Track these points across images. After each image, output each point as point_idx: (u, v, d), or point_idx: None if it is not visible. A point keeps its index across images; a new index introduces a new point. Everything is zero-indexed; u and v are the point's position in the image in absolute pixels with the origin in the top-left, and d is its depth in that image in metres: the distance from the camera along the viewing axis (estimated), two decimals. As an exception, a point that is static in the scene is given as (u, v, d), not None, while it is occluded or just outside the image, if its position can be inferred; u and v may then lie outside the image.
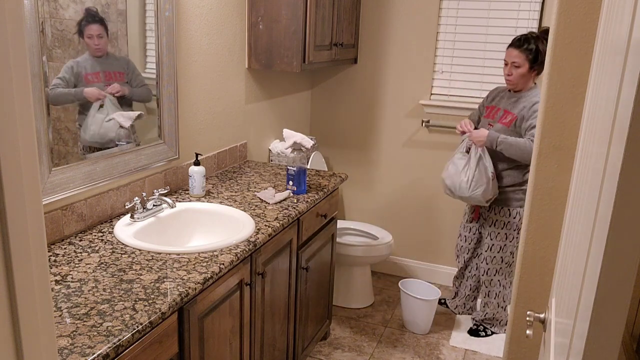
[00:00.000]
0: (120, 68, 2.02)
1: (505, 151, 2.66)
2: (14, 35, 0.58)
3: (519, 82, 2.70)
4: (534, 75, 2.70)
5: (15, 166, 0.60)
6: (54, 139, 1.74)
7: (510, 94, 2.79)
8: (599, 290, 0.69)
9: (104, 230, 1.90)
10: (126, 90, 2.05)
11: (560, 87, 1.59)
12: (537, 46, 2.62)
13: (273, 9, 2.72)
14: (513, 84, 2.72)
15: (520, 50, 2.65)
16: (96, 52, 1.89)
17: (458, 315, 3.27)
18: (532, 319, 1.34)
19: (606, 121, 0.84)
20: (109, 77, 1.98)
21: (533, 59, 2.63)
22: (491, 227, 2.88)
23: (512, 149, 2.65)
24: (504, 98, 2.82)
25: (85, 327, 1.30)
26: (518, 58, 2.65)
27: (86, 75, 1.87)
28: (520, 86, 2.72)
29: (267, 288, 2.08)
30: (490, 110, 2.88)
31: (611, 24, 0.99)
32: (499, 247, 2.88)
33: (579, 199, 1.10)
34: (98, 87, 1.92)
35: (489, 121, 2.84)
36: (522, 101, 2.71)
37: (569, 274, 1.07)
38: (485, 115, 2.90)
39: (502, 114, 2.78)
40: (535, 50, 2.62)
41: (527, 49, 2.63)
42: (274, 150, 3.17)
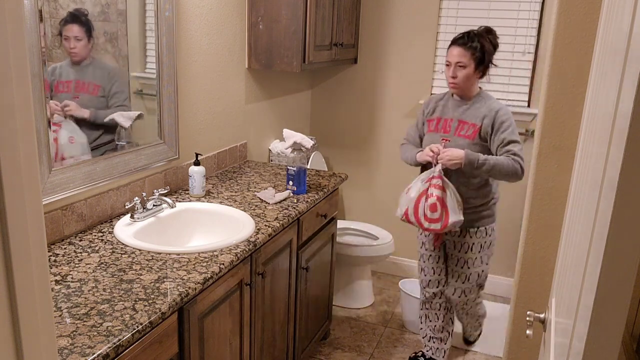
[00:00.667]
0: (98, 79, 1.77)
1: (486, 172, 2.31)
2: (14, 35, 0.58)
3: (465, 85, 2.38)
4: (478, 77, 2.40)
5: (15, 166, 0.60)
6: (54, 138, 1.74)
7: (456, 101, 2.45)
8: (599, 290, 0.69)
9: (104, 230, 1.90)
10: (85, 112, 1.73)
11: (560, 87, 1.59)
12: (483, 44, 2.35)
13: (273, 9, 2.72)
14: (458, 87, 2.38)
15: (464, 49, 2.34)
16: (72, 56, 1.69)
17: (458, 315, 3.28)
18: (532, 319, 1.34)
19: (606, 121, 0.84)
20: (79, 88, 1.71)
21: (479, 58, 2.34)
22: (466, 254, 2.52)
23: (494, 170, 2.29)
24: (450, 107, 2.46)
25: (85, 327, 1.30)
26: (463, 57, 2.33)
27: (57, 83, 1.68)
28: (465, 90, 2.40)
29: (267, 288, 2.08)
30: (436, 123, 2.48)
31: (611, 24, 0.99)
32: (477, 273, 2.55)
33: (579, 199, 1.10)
34: (66, 98, 1.73)
35: (442, 136, 2.44)
36: (477, 108, 2.39)
37: (569, 274, 1.07)
38: (431, 129, 2.48)
39: (457, 124, 2.41)
40: (480, 48, 2.34)
41: (472, 46, 2.33)
42: (274, 150, 3.17)
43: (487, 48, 2.34)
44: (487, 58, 2.35)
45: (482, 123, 2.35)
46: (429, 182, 2.36)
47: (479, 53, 2.34)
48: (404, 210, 2.43)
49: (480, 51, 2.34)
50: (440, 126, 2.46)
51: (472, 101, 2.41)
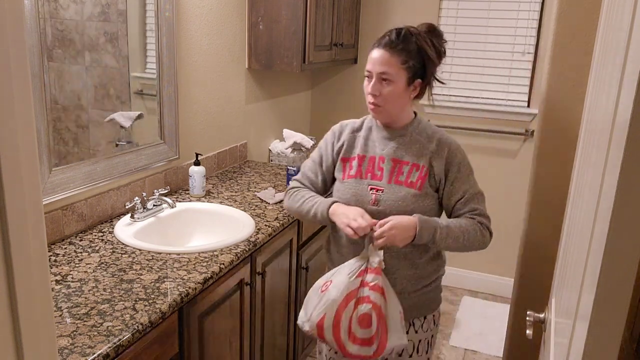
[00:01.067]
0: None
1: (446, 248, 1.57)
2: (14, 35, 0.59)
3: (391, 108, 1.57)
4: (413, 96, 1.60)
5: (15, 166, 0.60)
6: (54, 139, 1.74)
7: (383, 131, 1.64)
8: (599, 291, 0.69)
9: (104, 230, 1.90)
10: None
11: (560, 87, 1.59)
12: (422, 47, 1.55)
13: (273, 9, 2.72)
14: (381, 111, 1.58)
15: (392, 53, 1.52)
16: None
17: (458, 315, 3.27)
18: (532, 319, 1.34)
19: (606, 121, 0.84)
20: None
21: (414, 68, 1.54)
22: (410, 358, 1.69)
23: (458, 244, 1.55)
24: (375, 139, 1.65)
25: (86, 327, 1.30)
26: (390, 66, 1.52)
27: None
28: (392, 116, 1.60)
29: (267, 288, 2.08)
30: (358, 164, 1.63)
31: (611, 24, 0.99)
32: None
33: (579, 199, 1.10)
34: None
35: (371, 184, 1.59)
36: (417, 141, 1.60)
37: (569, 274, 1.08)
38: (352, 174, 1.63)
39: (392, 166, 1.60)
40: (417, 53, 1.54)
41: (406, 50, 1.53)
42: (274, 150, 3.17)
43: (428, 54, 1.55)
44: (428, 69, 1.57)
45: (429, 164, 1.58)
46: (361, 277, 1.52)
47: (415, 61, 1.54)
48: (318, 319, 1.54)
49: (417, 58, 1.54)
50: (365, 169, 1.62)
51: (406, 131, 1.62)
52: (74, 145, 1.84)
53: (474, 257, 3.56)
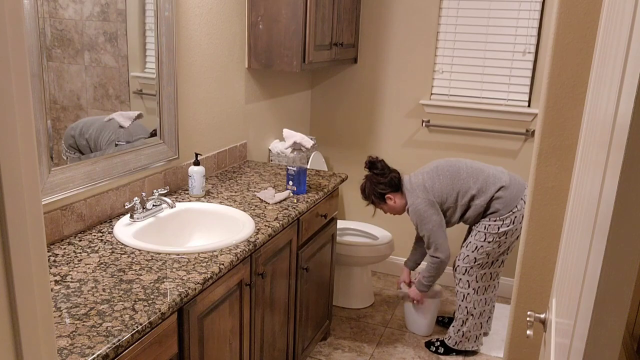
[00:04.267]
0: None
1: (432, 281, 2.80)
2: (14, 35, 0.58)
3: (398, 210, 2.77)
4: (394, 200, 2.72)
5: (15, 166, 0.60)
6: (53, 139, 1.74)
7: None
8: (600, 290, 0.69)
9: (103, 231, 1.90)
10: None
11: (560, 87, 1.59)
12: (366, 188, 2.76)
13: (273, 8, 2.72)
14: (397, 214, 2.81)
15: (368, 203, 2.82)
16: None
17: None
18: (532, 319, 1.34)
19: (607, 121, 0.84)
20: None
21: (377, 201, 2.75)
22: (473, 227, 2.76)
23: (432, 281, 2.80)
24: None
25: (85, 328, 1.30)
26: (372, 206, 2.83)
27: None
28: (401, 211, 2.77)
29: (267, 288, 2.08)
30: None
31: (612, 24, 0.99)
32: (475, 246, 2.68)
33: (579, 199, 1.10)
34: None
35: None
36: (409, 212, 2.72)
37: (569, 274, 1.07)
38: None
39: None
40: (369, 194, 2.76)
41: (366, 196, 2.79)
42: (274, 150, 3.17)
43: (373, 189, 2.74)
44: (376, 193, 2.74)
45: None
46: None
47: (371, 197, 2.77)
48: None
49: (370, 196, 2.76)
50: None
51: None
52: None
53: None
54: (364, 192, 2.78)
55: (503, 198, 2.59)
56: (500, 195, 2.59)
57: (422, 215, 2.64)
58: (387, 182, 2.69)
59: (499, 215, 2.61)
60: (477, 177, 2.62)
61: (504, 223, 2.61)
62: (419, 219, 2.66)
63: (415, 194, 2.66)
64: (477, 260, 2.68)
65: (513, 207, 2.59)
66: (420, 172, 2.73)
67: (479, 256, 2.68)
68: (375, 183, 2.71)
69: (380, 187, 2.70)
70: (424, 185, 2.65)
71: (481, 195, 2.60)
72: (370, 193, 2.75)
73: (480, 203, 2.61)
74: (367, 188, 2.75)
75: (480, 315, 2.80)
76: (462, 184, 2.62)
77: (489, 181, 2.61)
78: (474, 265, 2.70)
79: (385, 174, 2.71)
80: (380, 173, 2.71)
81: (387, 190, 2.71)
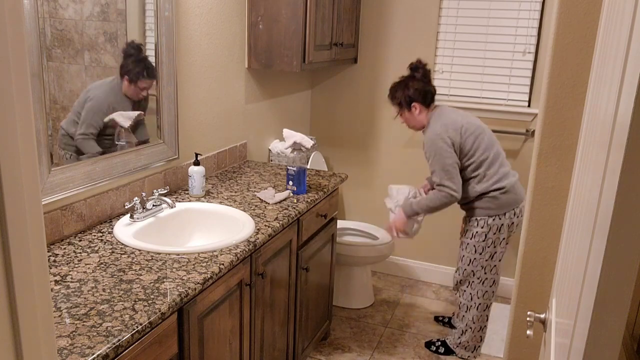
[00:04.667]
0: None
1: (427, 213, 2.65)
2: (14, 35, 0.58)
3: (415, 124, 2.67)
4: (419, 111, 2.62)
5: (15, 166, 0.60)
6: (53, 139, 1.74)
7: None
8: (600, 291, 0.69)
9: (103, 231, 1.90)
10: None
11: (560, 87, 1.59)
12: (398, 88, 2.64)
13: (273, 8, 2.71)
14: (411, 127, 2.72)
15: (392, 103, 2.70)
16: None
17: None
18: (532, 319, 1.34)
19: (607, 121, 0.84)
20: None
21: (400, 103, 2.63)
22: (463, 238, 2.72)
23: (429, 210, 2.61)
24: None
25: (85, 328, 1.30)
26: (396, 110, 2.70)
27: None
28: (417, 127, 2.68)
29: (267, 288, 2.08)
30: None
31: (612, 24, 0.99)
32: (469, 259, 2.67)
33: (579, 199, 1.10)
34: None
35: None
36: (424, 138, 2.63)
37: (569, 274, 1.07)
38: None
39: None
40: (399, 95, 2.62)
41: (394, 96, 2.66)
42: (274, 150, 3.17)
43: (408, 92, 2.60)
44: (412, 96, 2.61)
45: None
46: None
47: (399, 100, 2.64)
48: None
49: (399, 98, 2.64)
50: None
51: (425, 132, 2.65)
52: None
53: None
54: (394, 91, 2.65)
55: (498, 200, 2.57)
56: (496, 195, 2.56)
57: (437, 147, 2.51)
58: (421, 90, 2.58)
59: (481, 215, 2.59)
60: (496, 162, 2.57)
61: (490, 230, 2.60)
62: (432, 150, 2.52)
63: (439, 124, 2.54)
64: (475, 274, 2.69)
65: (499, 214, 2.58)
66: (461, 112, 2.64)
67: (475, 269, 2.68)
68: (410, 87, 2.59)
69: (412, 92, 2.58)
70: (456, 122, 2.54)
71: (485, 181, 2.56)
72: (401, 94, 2.62)
73: (478, 190, 2.56)
74: (399, 88, 2.63)
75: (480, 329, 2.79)
76: (484, 158, 2.55)
77: (499, 175, 2.55)
78: (474, 279, 2.70)
79: (423, 82, 2.60)
80: (419, 79, 2.60)
81: (417, 98, 2.59)
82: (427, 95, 2.60)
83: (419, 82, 2.59)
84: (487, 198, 2.58)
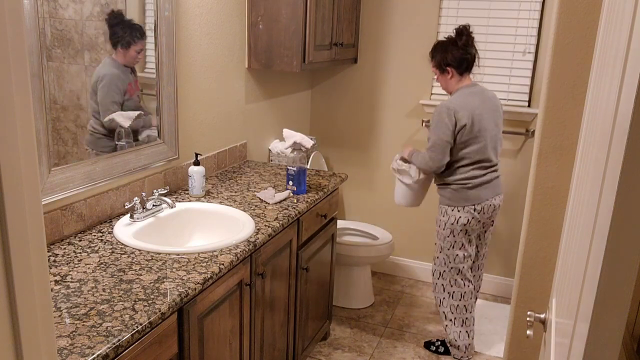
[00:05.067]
0: None
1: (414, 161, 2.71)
2: (14, 35, 0.58)
3: (445, 87, 2.72)
4: (451, 76, 2.65)
5: (15, 166, 0.60)
6: (53, 139, 1.74)
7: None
8: (600, 291, 0.69)
9: (103, 231, 1.90)
10: None
11: (560, 87, 1.59)
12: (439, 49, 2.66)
13: (273, 8, 2.71)
14: (443, 88, 2.76)
15: (431, 61, 2.74)
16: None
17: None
18: (532, 319, 1.34)
19: (606, 121, 0.84)
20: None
21: (437, 64, 2.68)
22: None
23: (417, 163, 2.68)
24: None
25: (85, 328, 1.30)
26: (432, 68, 2.75)
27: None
28: (449, 89, 2.71)
29: (267, 288, 2.08)
30: None
31: (612, 24, 0.99)
32: (440, 247, 2.75)
33: (579, 199, 1.10)
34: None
35: None
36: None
37: (569, 274, 1.07)
38: None
39: None
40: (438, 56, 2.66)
41: (434, 55, 2.70)
42: (274, 150, 3.17)
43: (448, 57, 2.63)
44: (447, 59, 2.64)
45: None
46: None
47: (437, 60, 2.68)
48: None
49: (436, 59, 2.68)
50: None
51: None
52: (73, 145, 1.84)
53: (474, 257, 3.56)
54: (434, 51, 2.69)
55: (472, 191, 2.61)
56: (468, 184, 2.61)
57: (442, 123, 2.56)
58: (459, 58, 2.62)
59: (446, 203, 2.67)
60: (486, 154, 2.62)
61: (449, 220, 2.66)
62: (438, 122, 2.57)
63: (462, 101, 2.58)
64: (445, 263, 2.72)
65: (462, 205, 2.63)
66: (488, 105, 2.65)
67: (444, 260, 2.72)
68: (449, 52, 2.62)
69: (450, 58, 2.63)
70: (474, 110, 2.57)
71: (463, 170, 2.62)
72: (439, 56, 2.66)
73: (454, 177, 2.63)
74: (439, 50, 2.67)
75: (463, 324, 2.77)
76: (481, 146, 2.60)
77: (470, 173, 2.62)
78: (445, 269, 2.73)
79: (464, 51, 2.62)
80: (460, 46, 2.62)
81: (453, 64, 2.63)
82: (462, 63, 2.62)
83: (459, 50, 2.61)
84: (449, 189, 2.67)
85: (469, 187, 2.63)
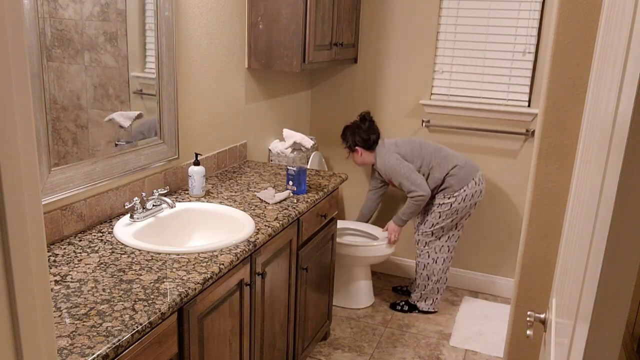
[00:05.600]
0: None
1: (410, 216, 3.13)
2: (14, 35, 0.58)
3: (362, 161, 3.21)
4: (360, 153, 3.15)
5: (15, 166, 0.60)
6: (53, 138, 1.74)
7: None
8: (600, 291, 0.69)
9: (103, 231, 1.90)
10: None
11: (560, 87, 1.59)
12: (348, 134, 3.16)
13: (273, 8, 2.71)
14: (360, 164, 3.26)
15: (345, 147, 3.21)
16: None
17: (458, 315, 3.27)
18: (532, 319, 1.34)
19: (607, 121, 0.84)
20: None
21: (350, 144, 3.15)
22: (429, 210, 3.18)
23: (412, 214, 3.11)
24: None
25: (85, 328, 1.30)
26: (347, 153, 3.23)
27: None
28: (365, 162, 3.20)
29: (267, 288, 2.08)
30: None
31: (612, 24, 0.99)
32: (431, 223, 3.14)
33: (579, 199, 1.10)
34: None
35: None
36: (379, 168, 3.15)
37: (569, 274, 1.07)
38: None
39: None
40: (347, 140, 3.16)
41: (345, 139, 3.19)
42: (274, 150, 3.17)
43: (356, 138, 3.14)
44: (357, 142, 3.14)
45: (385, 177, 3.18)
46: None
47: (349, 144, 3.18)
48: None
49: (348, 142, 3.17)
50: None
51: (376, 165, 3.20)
52: (73, 145, 1.84)
53: (475, 257, 3.56)
54: (344, 135, 3.18)
55: (457, 175, 3.03)
56: (455, 172, 3.03)
57: (394, 167, 3.04)
58: (363, 139, 3.11)
59: (452, 191, 3.04)
60: (439, 153, 3.07)
61: (456, 200, 3.04)
62: (392, 171, 3.05)
63: (385, 152, 3.09)
64: (434, 234, 3.14)
65: (464, 185, 3.03)
66: (394, 139, 3.20)
67: (435, 230, 3.13)
68: (355, 134, 3.12)
69: (357, 139, 3.12)
70: (396, 143, 3.12)
71: (438, 168, 3.04)
72: (348, 139, 3.16)
73: (438, 176, 3.04)
74: (348, 134, 3.16)
75: (438, 281, 3.23)
76: (426, 155, 3.06)
77: (447, 159, 3.06)
78: (432, 239, 3.15)
79: (368, 132, 3.12)
80: (364, 130, 3.11)
81: (360, 144, 3.12)
82: (368, 143, 3.13)
83: (363, 133, 3.12)
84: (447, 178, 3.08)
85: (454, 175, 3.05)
